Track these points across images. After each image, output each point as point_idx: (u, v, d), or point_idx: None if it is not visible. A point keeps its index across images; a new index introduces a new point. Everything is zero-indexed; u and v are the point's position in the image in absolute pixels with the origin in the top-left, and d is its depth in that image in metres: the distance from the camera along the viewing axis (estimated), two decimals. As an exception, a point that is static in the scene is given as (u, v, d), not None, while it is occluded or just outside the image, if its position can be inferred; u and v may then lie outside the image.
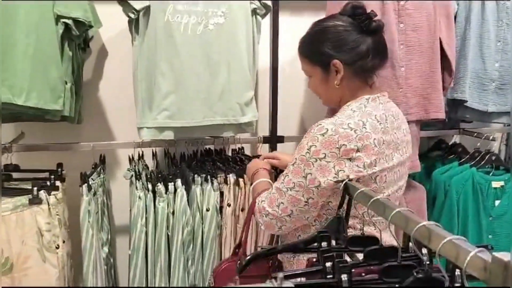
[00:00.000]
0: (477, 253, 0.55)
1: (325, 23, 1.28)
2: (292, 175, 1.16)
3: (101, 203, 1.78)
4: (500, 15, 1.94)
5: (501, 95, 1.99)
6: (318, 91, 1.31)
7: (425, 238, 0.65)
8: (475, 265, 0.55)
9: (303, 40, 1.33)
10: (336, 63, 1.21)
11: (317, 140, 1.12)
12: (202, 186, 1.71)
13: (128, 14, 1.59)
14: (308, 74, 1.31)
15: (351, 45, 1.20)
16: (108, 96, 2.02)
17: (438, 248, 0.61)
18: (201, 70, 1.68)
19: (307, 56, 1.29)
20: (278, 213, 1.18)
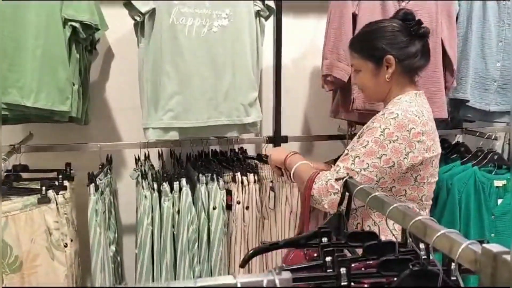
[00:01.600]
0: (469, 245, 0.57)
1: (380, 23, 1.43)
2: (365, 156, 1.25)
3: (108, 202, 1.81)
4: (502, 15, 1.95)
5: (503, 95, 2.01)
6: (367, 84, 1.41)
7: (420, 232, 0.68)
8: (466, 256, 0.57)
9: (356, 37, 1.48)
10: (389, 58, 1.34)
11: (389, 124, 1.26)
12: (207, 185, 1.73)
13: (134, 17, 1.63)
14: (358, 68, 1.42)
15: (403, 44, 1.35)
16: (115, 97, 2.06)
17: (432, 241, 0.63)
18: (205, 71, 1.71)
19: (359, 51, 1.40)
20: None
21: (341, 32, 1.75)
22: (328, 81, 1.82)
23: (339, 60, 1.76)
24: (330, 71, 1.78)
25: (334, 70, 1.77)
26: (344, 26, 1.74)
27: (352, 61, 1.44)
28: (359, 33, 1.49)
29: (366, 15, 1.73)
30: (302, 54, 2.28)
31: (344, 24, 1.74)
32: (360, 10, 1.74)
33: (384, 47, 1.35)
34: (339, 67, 1.77)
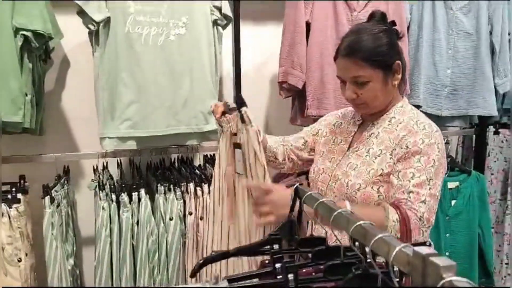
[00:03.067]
0: (402, 248, 0.59)
1: (373, 27, 1.26)
2: (436, 176, 1.17)
3: (65, 214, 1.77)
4: (450, 24, 2.05)
5: (453, 100, 2.10)
6: (377, 95, 1.25)
7: (361, 237, 0.70)
8: (400, 259, 0.59)
9: (359, 45, 1.23)
10: (398, 64, 1.25)
11: (437, 139, 1.21)
12: (165, 195, 1.72)
13: (88, 26, 1.61)
14: (366, 80, 1.22)
15: (399, 48, 1.28)
16: (71, 106, 2.02)
17: (371, 245, 0.65)
18: (163, 80, 1.70)
19: (367, 60, 1.21)
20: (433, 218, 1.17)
21: (295, 40, 1.79)
22: (284, 88, 1.86)
23: (294, 68, 1.80)
24: (285, 79, 1.82)
25: (289, 78, 1.81)
26: (297, 35, 1.78)
27: (359, 72, 1.21)
28: (357, 40, 1.23)
29: (319, 24, 1.78)
30: (262, 61, 2.31)
31: (298, 33, 1.78)
32: (313, 18, 1.78)
33: (391, 52, 1.24)
34: (293, 75, 1.80)
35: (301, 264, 0.82)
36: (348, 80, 1.24)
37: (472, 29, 2.06)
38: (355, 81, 1.23)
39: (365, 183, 1.23)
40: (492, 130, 2.41)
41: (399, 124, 1.27)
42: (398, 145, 1.22)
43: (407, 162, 1.18)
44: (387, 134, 1.26)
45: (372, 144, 1.27)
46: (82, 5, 1.57)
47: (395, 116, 1.29)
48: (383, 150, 1.25)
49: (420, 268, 0.55)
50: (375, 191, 1.23)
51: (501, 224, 2.39)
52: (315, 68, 1.78)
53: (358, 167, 1.26)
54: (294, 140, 1.51)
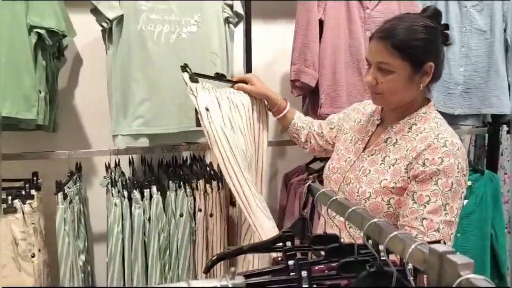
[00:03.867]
0: (418, 246, 0.59)
1: (418, 20, 1.18)
2: (453, 199, 1.12)
3: (78, 211, 1.79)
4: (464, 21, 2.03)
5: (466, 99, 2.07)
6: (397, 89, 1.19)
7: (376, 234, 0.70)
8: (416, 257, 0.59)
9: (396, 31, 1.16)
10: (431, 65, 1.17)
11: (458, 157, 1.13)
12: (176, 192, 1.73)
13: (101, 23, 1.62)
14: (391, 69, 1.17)
15: (442, 52, 1.21)
16: (84, 104, 2.03)
17: (385, 243, 0.65)
18: (175, 78, 1.70)
19: (399, 49, 1.15)
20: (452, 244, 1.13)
21: (307, 38, 1.78)
22: (297, 86, 1.85)
23: (307, 66, 1.79)
24: (298, 77, 1.82)
25: (301, 76, 1.80)
26: (310, 32, 1.77)
27: (386, 58, 1.16)
28: (398, 27, 1.17)
29: (332, 22, 1.77)
30: (273, 59, 2.30)
31: (311, 30, 1.77)
32: (326, 16, 1.78)
33: (427, 50, 1.17)
34: (306, 73, 1.80)
35: (314, 262, 0.82)
36: (374, 65, 1.19)
37: (486, 27, 2.04)
38: (380, 67, 1.18)
39: (376, 193, 1.21)
40: (505, 129, 2.38)
41: (419, 134, 1.21)
42: (415, 159, 1.17)
43: (424, 183, 1.13)
44: (405, 142, 1.22)
45: (389, 152, 1.23)
46: (95, 3, 1.58)
47: (416, 123, 1.23)
48: (398, 159, 1.21)
49: (436, 266, 0.55)
50: (385, 202, 1.20)
51: (515, 224, 2.36)
52: (328, 66, 1.78)
53: (370, 174, 1.24)
54: (318, 126, 1.56)
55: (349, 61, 1.85)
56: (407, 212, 1.14)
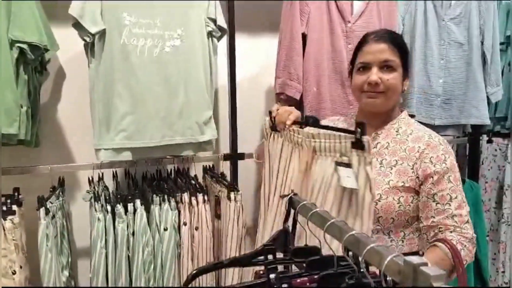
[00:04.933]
0: (393, 257, 0.60)
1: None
2: (462, 191, 1.25)
3: (60, 226, 1.77)
4: (442, 34, 2.08)
5: (446, 109, 2.12)
6: (397, 87, 1.29)
7: (354, 246, 0.71)
8: (392, 268, 0.60)
9: (394, 35, 1.34)
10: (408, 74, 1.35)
11: (452, 153, 1.27)
12: (160, 205, 1.72)
13: (84, 38, 1.62)
14: (395, 65, 1.28)
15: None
16: (67, 118, 2.02)
17: (362, 255, 0.66)
18: (159, 91, 1.71)
19: (399, 49, 1.30)
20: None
21: (291, 52, 1.81)
22: (282, 99, 1.87)
23: (291, 79, 1.82)
24: (283, 90, 1.84)
25: (286, 89, 1.83)
26: (294, 46, 1.80)
27: (392, 56, 1.27)
28: (397, 35, 1.39)
29: (315, 35, 1.80)
30: (258, 72, 2.33)
31: (294, 44, 1.80)
32: (309, 29, 1.80)
33: (408, 59, 1.34)
34: (291, 86, 1.82)
35: (295, 274, 0.83)
36: (377, 64, 1.27)
37: (463, 39, 2.09)
38: (385, 65, 1.27)
39: (386, 193, 1.25)
40: (485, 139, 2.44)
41: (409, 136, 1.30)
42: (420, 159, 1.24)
43: (440, 184, 1.22)
44: (398, 145, 1.29)
45: (385, 155, 1.29)
46: (77, 17, 1.58)
47: (402, 127, 1.33)
48: (398, 160, 1.27)
49: (411, 278, 0.56)
50: (396, 201, 1.25)
51: (496, 232, 2.40)
52: (312, 79, 1.80)
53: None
54: None
55: (332, 73, 1.88)
56: (433, 213, 1.23)
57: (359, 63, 1.31)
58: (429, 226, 1.24)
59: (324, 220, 0.80)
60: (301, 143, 1.27)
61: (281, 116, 1.31)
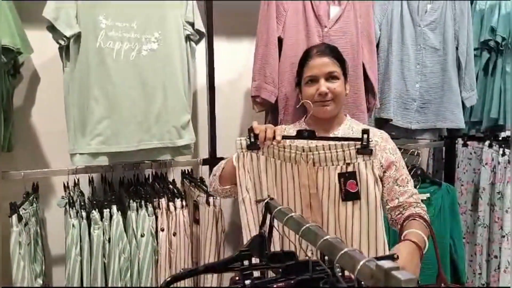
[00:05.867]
0: (366, 262, 0.60)
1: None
2: (409, 175, 1.47)
3: (34, 233, 1.73)
4: (418, 40, 2.11)
5: (423, 114, 2.15)
6: (342, 93, 1.49)
7: (328, 251, 0.70)
8: (364, 273, 0.60)
9: (334, 49, 1.54)
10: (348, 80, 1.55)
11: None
12: (137, 211, 1.70)
13: (58, 41, 1.59)
14: (338, 75, 1.48)
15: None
16: (41, 122, 1.98)
17: (336, 259, 0.66)
18: (135, 95, 1.69)
19: (339, 61, 1.50)
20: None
21: (267, 55, 1.81)
22: (257, 102, 1.87)
23: (266, 82, 1.82)
24: (258, 93, 1.84)
25: (261, 92, 1.83)
26: (270, 50, 1.80)
27: (333, 68, 1.47)
28: (332, 46, 1.56)
29: (291, 39, 1.80)
30: (237, 76, 2.32)
31: (270, 48, 1.80)
32: (285, 34, 1.81)
33: (346, 67, 1.53)
34: (266, 89, 1.82)
35: (271, 280, 0.82)
36: (323, 76, 1.46)
37: (439, 45, 2.13)
38: (330, 76, 1.46)
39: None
40: (460, 143, 2.48)
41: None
42: (381, 150, 1.44)
43: (399, 169, 1.45)
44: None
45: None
46: (52, 20, 1.55)
47: (353, 126, 1.52)
48: None
49: (382, 282, 0.56)
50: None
51: (472, 234, 2.44)
52: (287, 83, 1.80)
53: None
54: None
55: (308, 77, 1.87)
56: (397, 195, 1.42)
57: (307, 77, 1.49)
58: (394, 207, 1.42)
59: (300, 225, 0.80)
60: (295, 157, 1.31)
61: (268, 133, 1.33)
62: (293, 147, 1.31)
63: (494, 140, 2.39)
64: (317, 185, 1.31)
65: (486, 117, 2.41)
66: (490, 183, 2.35)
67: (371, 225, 1.27)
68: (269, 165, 1.35)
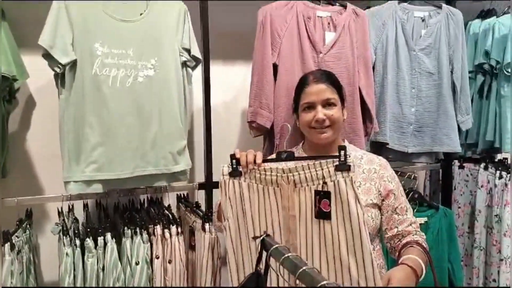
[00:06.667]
0: None
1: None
2: (407, 202, 1.48)
3: (27, 260, 1.70)
4: (413, 64, 2.12)
5: (419, 137, 2.15)
6: (340, 117, 1.49)
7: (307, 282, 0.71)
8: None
9: (330, 76, 1.53)
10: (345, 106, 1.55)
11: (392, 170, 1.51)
12: (132, 238, 1.68)
13: (54, 68, 1.59)
14: (335, 102, 1.48)
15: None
16: (36, 147, 1.97)
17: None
18: (131, 121, 1.68)
19: (336, 87, 1.50)
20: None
21: (262, 81, 1.82)
22: (254, 127, 1.87)
23: (262, 108, 1.82)
24: (254, 118, 1.84)
25: (257, 118, 1.83)
26: (265, 76, 1.81)
27: (331, 95, 1.46)
28: (327, 72, 1.56)
29: (286, 66, 1.81)
30: (233, 99, 2.33)
31: (265, 74, 1.81)
32: (280, 60, 1.82)
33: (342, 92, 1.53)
34: (262, 115, 1.83)
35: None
36: (320, 103, 1.46)
37: (434, 69, 2.14)
38: (327, 103, 1.46)
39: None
40: (457, 165, 2.48)
41: (361, 159, 1.51)
42: (379, 178, 1.45)
43: (398, 198, 1.45)
44: (356, 168, 1.41)
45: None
46: (48, 48, 1.55)
47: (351, 152, 1.45)
48: (361, 182, 1.45)
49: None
50: (370, 217, 1.42)
51: (470, 257, 2.43)
52: (283, 109, 1.81)
53: None
54: None
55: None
56: (396, 224, 1.43)
57: (304, 103, 1.49)
58: (393, 236, 1.43)
59: (296, 267, 0.79)
60: (277, 180, 1.29)
61: (248, 157, 1.33)
62: (273, 169, 1.30)
63: (490, 162, 2.39)
64: (300, 206, 1.28)
65: (481, 139, 2.42)
66: (486, 205, 2.35)
67: (357, 243, 1.22)
68: (252, 191, 1.34)
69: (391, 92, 2.08)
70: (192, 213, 1.89)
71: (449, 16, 2.18)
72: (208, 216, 1.78)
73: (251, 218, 1.34)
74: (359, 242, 1.21)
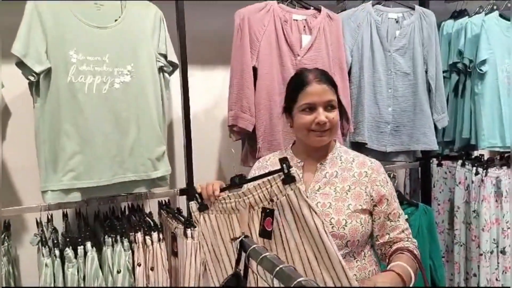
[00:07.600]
0: None
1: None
2: (400, 208, 1.41)
3: (6, 273, 1.67)
4: (388, 65, 2.16)
5: (396, 136, 2.18)
6: (337, 123, 1.41)
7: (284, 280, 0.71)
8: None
9: (329, 76, 1.42)
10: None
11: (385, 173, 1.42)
12: (113, 247, 1.66)
13: (28, 77, 1.57)
14: (335, 104, 1.38)
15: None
16: (12, 158, 1.94)
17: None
18: (108, 128, 1.67)
19: (335, 88, 1.40)
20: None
21: (243, 85, 1.83)
22: (235, 131, 1.88)
23: (243, 111, 1.83)
24: (235, 122, 1.85)
25: (239, 121, 1.84)
26: (245, 79, 1.82)
27: (333, 96, 1.37)
28: (326, 72, 1.43)
29: (265, 68, 1.83)
30: (212, 104, 2.33)
31: (245, 77, 1.82)
32: (259, 63, 1.83)
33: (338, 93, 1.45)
34: (243, 118, 1.83)
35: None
36: (322, 105, 1.35)
37: (409, 69, 2.18)
38: (328, 105, 1.36)
39: (350, 217, 1.32)
40: (435, 163, 2.52)
41: (353, 162, 1.41)
42: (371, 182, 1.36)
43: (391, 203, 1.38)
44: (345, 172, 1.38)
45: (336, 183, 1.37)
46: (21, 56, 1.53)
47: (342, 155, 1.43)
48: (351, 186, 1.36)
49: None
50: (359, 223, 1.33)
51: (451, 253, 2.46)
52: (264, 111, 1.82)
53: (333, 205, 1.33)
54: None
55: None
56: (388, 230, 1.37)
57: (304, 104, 1.36)
58: (385, 242, 1.38)
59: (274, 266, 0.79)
60: (236, 206, 1.25)
61: (207, 190, 1.29)
62: (231, 196, 1.25)
63: (467, 159, 2.44)
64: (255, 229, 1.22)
65: (458, 137, 2.47)
66: (464, 201, 2.39)
67: (324, 255, 1.14)
68: (220, 222, 1.30)
69: (368, 92, 2.11)
70: (174, 219, 1.88)
71: (422, 17, 2.23)
72: (190, 221, 1.77)
73: (225, 249, 1.31)
74: (325, 252, 1.13)
